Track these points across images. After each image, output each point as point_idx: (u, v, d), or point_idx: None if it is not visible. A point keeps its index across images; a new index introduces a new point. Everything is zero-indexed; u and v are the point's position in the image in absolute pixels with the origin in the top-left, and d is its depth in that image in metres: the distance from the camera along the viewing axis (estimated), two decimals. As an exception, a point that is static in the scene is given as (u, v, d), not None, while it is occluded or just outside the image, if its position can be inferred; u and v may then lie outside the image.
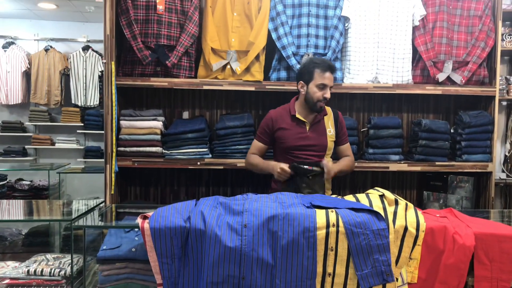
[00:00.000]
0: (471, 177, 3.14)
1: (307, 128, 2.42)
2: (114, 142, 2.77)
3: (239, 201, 1.78)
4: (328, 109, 2.51)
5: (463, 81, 2.98)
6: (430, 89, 2.99)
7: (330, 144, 2.47)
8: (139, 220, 1.66)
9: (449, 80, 3.03)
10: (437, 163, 3.02)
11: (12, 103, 6.01)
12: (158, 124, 2.87)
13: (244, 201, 1.78)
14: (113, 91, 2.75)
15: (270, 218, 1.63)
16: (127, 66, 2.89)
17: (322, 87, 2.33)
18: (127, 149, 2.85)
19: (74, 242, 1.77)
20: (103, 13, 2.73)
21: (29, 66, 5.98)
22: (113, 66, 2.75)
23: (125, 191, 3.21)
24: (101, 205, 2.11)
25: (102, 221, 1.86)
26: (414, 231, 1.68)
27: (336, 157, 2.56)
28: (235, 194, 3.28)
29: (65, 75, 6.01)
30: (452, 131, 3.16)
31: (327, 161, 2.32)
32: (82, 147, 5.95)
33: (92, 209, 2.01)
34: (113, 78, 2.75)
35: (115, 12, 2.81)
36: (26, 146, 6.02)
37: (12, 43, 6.00)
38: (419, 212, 1.80)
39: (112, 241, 1.78)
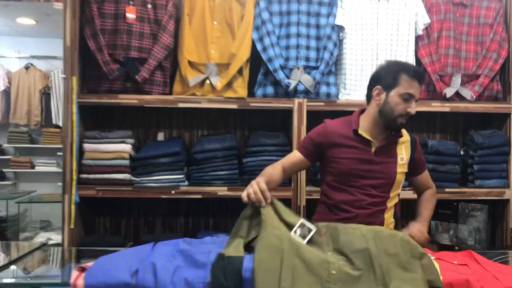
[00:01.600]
0: (485, 205, 2.76)
1: (373, 150, 1.86)
2: (74, 168, 2.41)
3: (205, 247, 1.41)
4: (404, 131, 1.96)
5: (474, 96, 2.64)
6: (436, 106, 2.64)
7: (400, 177, 1.90)
8: (73, 274, 1.28)
9: (457, 96, 2.69)
10: (446, 189, 2.65)
11: (-11, 124, 5.67)
12: (126, 147, 2.51)
13: (211, 247, 1.41)
14: (74, 110, 2.40)
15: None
16: (93, 81, 2.55)
17: (408, 98, 1.78)
18: (91, 176, 2.49)
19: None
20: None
21: (8, 85, 5.66)
22: (74, 82, 2.41)
23: (92, 224, 2.83)
24: (43, 247, 1.72)
25: (31, 274, 1.48)
26: None
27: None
28: (218, 226, 2.96)
29: (46, 94, 5.68)
30: (462, 153, 2.80)
31: (412, 229, 1.80)
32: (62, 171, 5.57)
33: (30, 253, 1.62)
34: (74, 96, 2.40)
35: (78, 22, 2.48)
36: (4, 170, 5.65)
37: (-9, 61, 5.70)
38: (433, 258, 1.43)
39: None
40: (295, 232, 1.41)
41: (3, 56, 5.79)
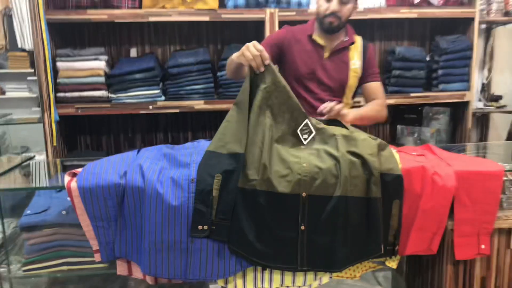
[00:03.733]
0: (447, 108, 2.94)
1: (326, 55, 1.95)
2: (50, 86, 2.42)
3: (187, 151, 1.52)
4: (358, 38, 2.01)
5: (441, 1, 2.69)
6: (405, 12, 2.69)
7: (353, 81, 1.97)
8: (66, 179, 1.38)
9: (425, 2, 2.73)
10: (411, 94, 2.79)
11: (-49, 51, 5.43)
12: (100, 64, 2.51)
13: (193, 150, 1.52)
14: (43, 27, 2.36)
15: (222, 169, 1.38)
16: (59, -3, 2.48)
17: None
18: (68, 94, 2.51)
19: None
20: None
21: (-35, 7, 5.35)
22: (40, -2, 2.34)
23: (73, 142, 2.90)
24: (31, 160, 1.81)
25: (26, 181, 1.58)
26: (388, 174, 1.46)
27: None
28: (197, 139, 3.08)
29: (8, 16, 5.42)
30: (428, 59, 2.91)
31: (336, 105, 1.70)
32: (35, 95, 5.50)
33: (19, 165, 1.71)
34: (41, 11, 2.35)
35: None
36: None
37: None
38: (394, 151, 1.58)
39: (40, 204, 1.51)
40: (300, 130, 1.53)
41: (-46, -25, 5.40)
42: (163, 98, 2.59)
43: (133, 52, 2.79)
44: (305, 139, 1.52)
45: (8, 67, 5.44)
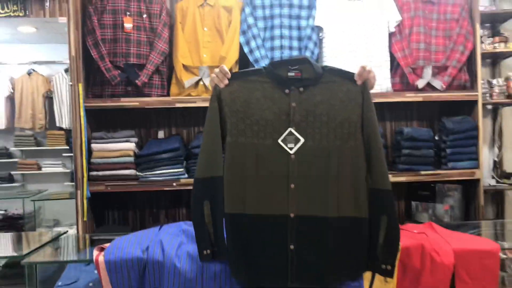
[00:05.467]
0: (459, 185, 3.03)
1: None
2: (84, 166, 2.67)
3: (203, 227, 1.68)
4: None
5: (444, 86, 2.89)
6: (410, 96, 2.90)
7: None
8: (94, 253, 1.55)
9: (429, 86, 2.94)
10: (422, 172, 2.92)
11: (-4, 129, 5.92)
12: (130, 145, 2.77)
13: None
14: (82, 114, 2.66)
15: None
16: (97, 87, 2.81)
17: None
18: (100, 173, 2.75)
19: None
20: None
21: (12, 91, 5.90)
22: (81, 88, 2.66)
23: (101, 216, 3.10)
24: (64, 235, 1.99)
25: (59, 255, 1.75)
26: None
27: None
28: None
29: (49, 98, 5.93)
30: (436, 138, 3.06)
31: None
32: (68, 170, 5.84)
33: (53, 240, 1.89)
34: (81, 101, 2.66)
35: (81, 32, 2.73)
36: (12, 172, 5.90)
37: (-6, 68, 5.93)
38: (396, 228, 1.69)
39: (70, 276, 1.67)
40: (282, 140, 1.58)
41: (6, 63, 6.02)
42: (186, 176, 2.79)
43: (161, 134, 3.06)
44: (291, 149, 1.58)
45: (46, 144, 5.86)
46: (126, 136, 2.80)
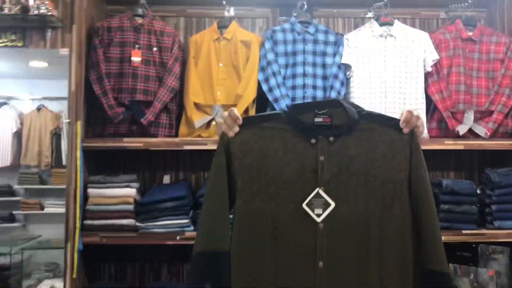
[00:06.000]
0: (507, 247, 2.63)
1: None
2: (78, 215, 2.35)
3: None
4: None
5: (488, 134, 2.55)
6: (449, 144, 2.56)
7: None
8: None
9: (471, 133, 2.60)
10: (464, 231, 2.53)
11: (1, 166, 5.70)
12: (131, 191, 2.46)
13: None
14: (78, 155, 2.37)
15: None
16: (98, 126, 2.54)
17: None
18: (95, 222, 2.43)
19: None
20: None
21: (20, 127, 5.71)
22: (79, 127, 2.39)
23: (96, 271, 2.75)
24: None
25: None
26: None
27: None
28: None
29: (57, 135, 5.72)
30: (478, 192, 2.68)
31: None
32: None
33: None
34: (78, 141, 2.38)
35: (84, 66, 2.49)
36: (13, 212, 5.62)
37: (5, 103, 5.78)
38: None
39: None
40: (307, 204, 1.24)
41: (16, 99, 5.88)
42: (191, 228, 2.44)
43: (166, 179, 2.74)
44: (319, 215, 1.25)
45: (51, 183, 5.60)
46: (127, 180, 2.49)
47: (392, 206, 1.23)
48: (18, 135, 5.81)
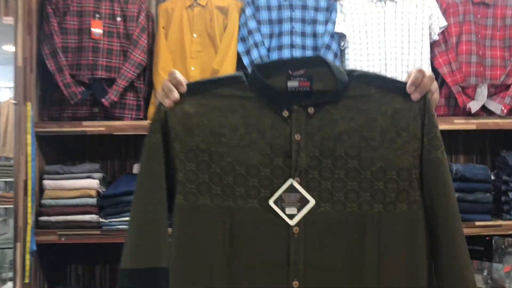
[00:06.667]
0: (525, 240, 2.31)
1: None
2: (29, 211, 2.03)
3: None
4: None
5: (505, 110, 2.22)
6: (460, 123, 2.22)
7: None
8: None
9: (484, 111, 2.27)
10: (477, 223, 2.21)
11: (-22, 158, 5.39)
12: (93, 183, 2.13)
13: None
14: (29, 141, 2.04)
15: None
16: (55, 107, 2.20)
17: None
18: (52, 218, 2.10)
19: None
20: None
21: (-3, 116, 5.40)
22: (29, 109, 2.05)
23: (62, 273, 2.44)
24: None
25: None
26: None
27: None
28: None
29: (37, 125, 5.41)
30: (493, 177, 2.36)
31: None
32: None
33: None
34: (29, 124, 2.04)
35: (36, 38, 2.15)
36: (-6, 206, 5.33)
37: (-21, 92, 5.46)
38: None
39: None
40: (276, 201, 0.92)
41: (-6, 86, 5.57)
42: (164, 224, 2.12)
43: (136, 168, 2.41)
44: (292, 216, 0.92)
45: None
46: (88, 170, 2.16)
47: (396, 202, 0.90)
48: (-5, 125, 5.48)
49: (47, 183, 2.14)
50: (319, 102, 0.93)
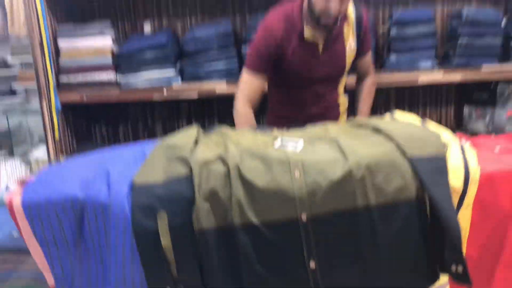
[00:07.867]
0: (530, 84, 2.36)
1: (320, 50, 1.62)
2: (49, 69, 2.11)
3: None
4: (350, 7, 1.62)
5: None
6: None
7: (349, 63, 1.71)
8: (13, 190, 1.04)
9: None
10: (484, 66, 2.24)
11: (-12, 36, 5.37)
12: (105, 40, 2.18)
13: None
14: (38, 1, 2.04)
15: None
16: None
17: None
18: (71, 77, 2.20)
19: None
20: None
21: (1, -8, 5.24)
22: (33, -33, 2.01)
23: (87, 132, 2.61)
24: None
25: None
26: (459, 183, 0.99)
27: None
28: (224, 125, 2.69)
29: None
30: (503, 23, 2.32)
31: None
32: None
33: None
34: (35, -19, 2.02)
35: None
36: (13, 85, 5.45)
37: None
38: (468, 144, 1.10)
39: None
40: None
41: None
42: (179, 80, 2.21)
43: (147, 27, 2.42)
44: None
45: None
46: (100, 28, 2.18)
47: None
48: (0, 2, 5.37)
49: (62, 44, 2.19)
50: None
